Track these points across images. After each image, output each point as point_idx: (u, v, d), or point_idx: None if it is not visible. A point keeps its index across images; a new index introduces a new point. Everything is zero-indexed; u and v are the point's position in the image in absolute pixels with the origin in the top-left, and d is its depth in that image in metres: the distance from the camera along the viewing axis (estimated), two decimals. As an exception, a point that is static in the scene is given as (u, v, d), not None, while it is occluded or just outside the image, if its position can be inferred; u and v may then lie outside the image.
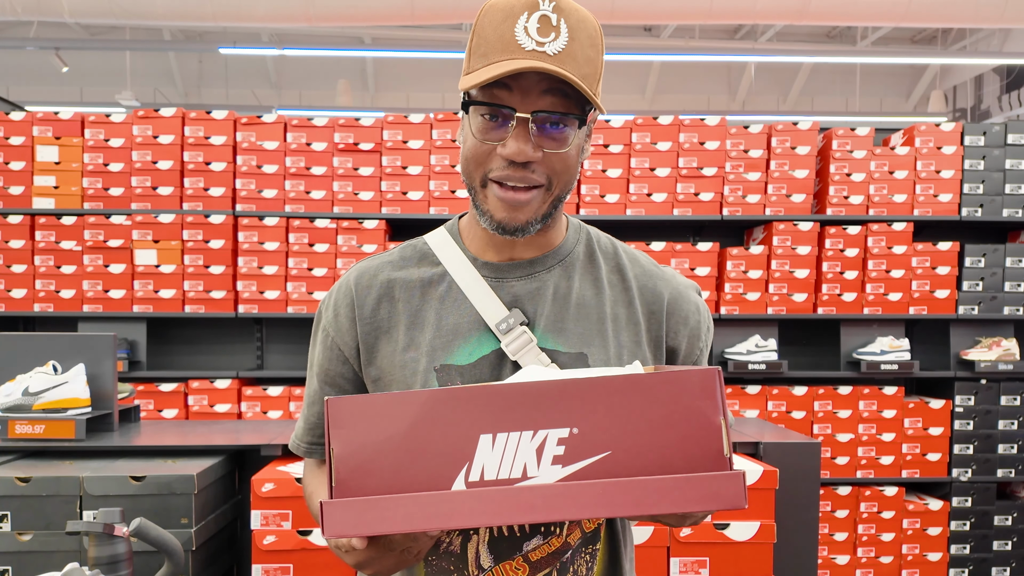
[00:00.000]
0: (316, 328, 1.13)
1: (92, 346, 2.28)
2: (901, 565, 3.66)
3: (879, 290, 3.75)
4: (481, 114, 0.95)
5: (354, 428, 0.71)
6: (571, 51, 0.93)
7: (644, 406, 0.72)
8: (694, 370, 0.72)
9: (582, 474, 0.71)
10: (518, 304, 1.04)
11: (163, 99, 11.05)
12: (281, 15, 6.27)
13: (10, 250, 3.66)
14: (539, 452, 0.71)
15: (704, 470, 0.71)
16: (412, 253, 1.11)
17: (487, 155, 0.96)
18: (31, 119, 3.71)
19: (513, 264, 1.06)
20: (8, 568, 1.85)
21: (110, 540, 1.45)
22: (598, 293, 1.06)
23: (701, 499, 0.71)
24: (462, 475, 0.72)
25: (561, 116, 0.94)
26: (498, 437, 0.71)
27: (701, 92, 11.84)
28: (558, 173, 0.97)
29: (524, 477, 0.71)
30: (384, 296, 1.07)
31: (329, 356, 1.09)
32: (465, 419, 0.71)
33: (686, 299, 1.09)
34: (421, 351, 1.03)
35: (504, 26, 0.93)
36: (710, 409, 0.72)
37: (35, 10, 6.25)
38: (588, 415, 0.71)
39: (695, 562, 2.20)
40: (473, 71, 0.95)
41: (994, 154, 3.79)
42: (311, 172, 3.72)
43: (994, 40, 10.19)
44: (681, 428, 0.72)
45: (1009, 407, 3.74)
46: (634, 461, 0.72)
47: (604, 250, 1.11)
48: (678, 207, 3.75)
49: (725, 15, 6.32)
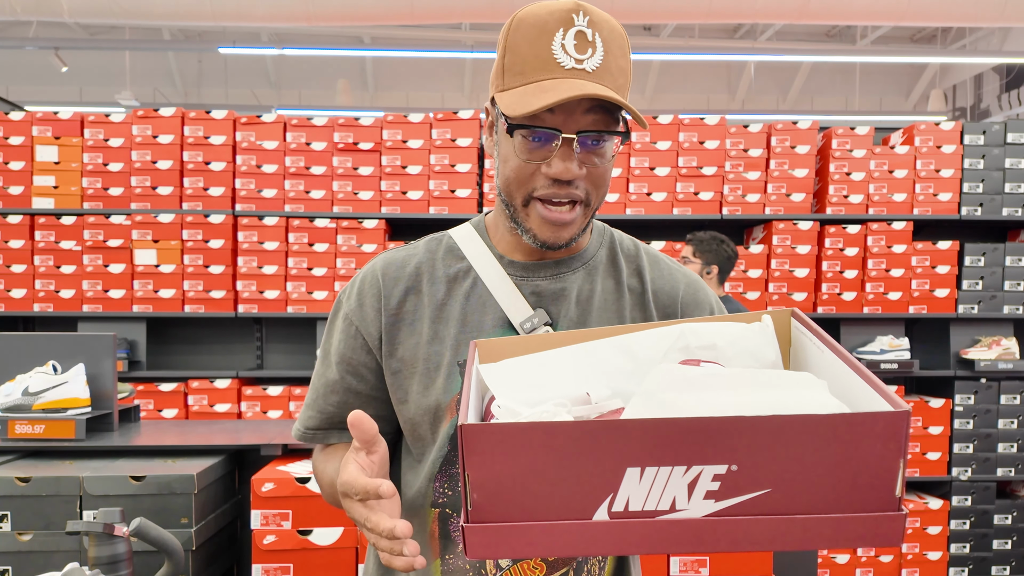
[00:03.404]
0: (335, 316, 1.12)
1: (92, 346, 2.28)
2: (901, 564, 3.66)
3: (879, 289, 3.75)
4: (524, 135, 0.95)
5: (492, 455, 0.68)
6: (607, 65, 0.93)
7: (817, 446, 0.66)
8: (881, 413, 0.66)
9: (736, 510, 0.67)
10: (542, 304, 1.05)
11: (163, 99, 11.05)
12: (280, 15, 6.27)
13: (10, 250, 3.66)
14: (691, 487, 0.67)
15: (871, 509, 0.67)
16: (438, 247, 1.11)
17: (531, 175, 0.97)
18: (31, 119, 3.71)
19: (539, 264, 1.07)
20: (8, 568, 1.85)
21: (110, 540, 1.45)
22: (619, 297, 1.08)
23: (859, 538, 0.68)
24: (605, 505, 0.69)
25: (604, 134, 0.95)
26: (647, 470, 0.67)
27: (701, 91, 11.84)
28: (598, 187, 0.99)
29: (672, 510, 0.68)
30: (411, 289, 1.07)
31: (352, 345, 1.08)
32: (613, 452, 0.67)
33: (701, 288, 1.13)
34: (446, 345, 1.04)
35: (540, 43, 0.93)
36: (892, 452, 0.66)
37: (35, 10, 6.25)
38: (752, 453, 0.66)
39: (695, 561, 2.21)
40: (511, 89, 0.95)
41: (994, 153, 3.79)
42: (311, 172, 3.72)
43: (994, 39, 10.19)
44: (855, 469, 0.67)
45: (1009, 406, 3.74)
46: (795, 499, 0.67)
47: (627, 253, 1.12)
48: (678, 206, 3.75)
49: (725, 14, 6.32)
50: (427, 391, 1.03)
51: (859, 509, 0.68)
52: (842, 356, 0.78)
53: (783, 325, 0.90)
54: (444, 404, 1.03)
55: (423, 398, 1.04)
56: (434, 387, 1.03)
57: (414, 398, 1.05)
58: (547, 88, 0.91)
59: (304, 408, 1.15)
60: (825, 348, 0.81)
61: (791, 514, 0.68)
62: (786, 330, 0.90)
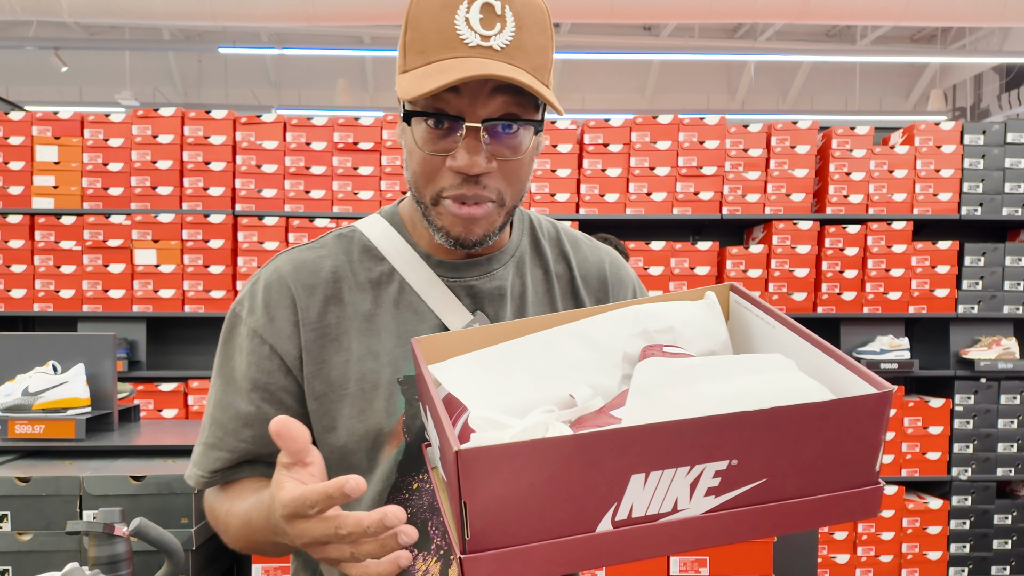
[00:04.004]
0: (232, 334, 0.96)
1: (92, 346, 2.28)
2: (901, 564, 3.66)
3: (879, 289, 3.75)
4: (425, 122, 0.85)
5: (491, 478, 0.63)
6: (520, 42, 0.83)
7: (812, 432, 0.67)
8: (871, 395, 0.67)
9: (734, 502, 0.68)
10: (479, 306, 0.96)
11: (162, 99, 11.05)
12: (280, 14, 6.26)
13: (10, 250, 3.66)
14: (693, 486, 0.67)
15: (855, 485, 0.69)
16: (350, 246, 0.98)
17: (437, 169, 0.86)
18: (30, 119, 3.71)
19: (471, 262, 0.97)
20: (8, 568, 1.85)
21: (110, 540, 1.45)
22: (548, 288, 1.01)
23: (842, 514, 0.70)
24: (609, 515, 0.66)
25: (515, 122, 0.85)
26: (651, 475, 0.66)
27: (701, 91, 11.84)
28: (511, 184, 0.88)
29: (675, 511, 0.67)
30: (331, 298, 0.93)
31: (267, 367, 0.92)
32: (617, 461, 0.65)
33: (622, 264, 1.08)
34: (381, 362, 0.92)
35: (442, 17, 0.82)
36: (876, 428, 0.68)
37: (34, 10, 6.25)
38: (751, 446, 0.66)
39: (695, 561, 2.21)
40: (411, 70, 0.84)
41: (994, 153, 3.79)
42: (311, 172, 3.72)
43: (994, 39, 10.19)
44: (844, 449, 0.68)
45: (1009, 406, 3.74)
46: (789, 484, 0.68)
47: (549, 237, 1.04)
48: (678, 206, 3.75)
49: (725, 14, 6.32)
50: (363, 415, 0.91)
51: (844, 487, 0.69)
52: (799, 332, 0.78)
53: (723, 301, 0.89)
54: (388, 429, 0.91)
55: (358, 423, 0.91)
56: (372, 411, 0.91)
57: (345, 424, 0.92)
58: (446, 68, 0.80)
59: (205, 450, 0.95)
60: (777, 324, 0.81)
61: (785, 500, 0.68)
62: (725, 306, 0.89)
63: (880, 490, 0.70)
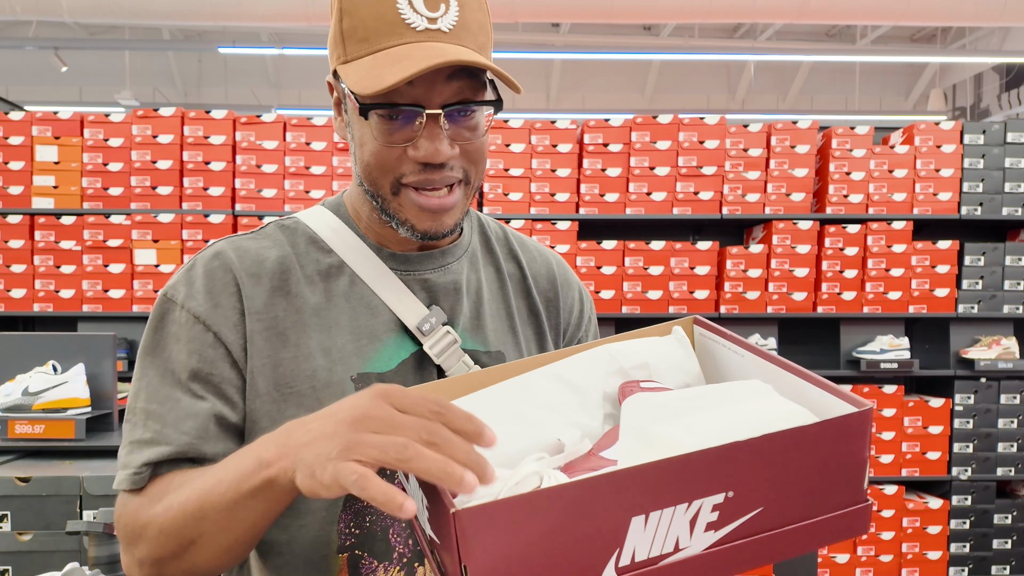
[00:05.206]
0: (165, 320, 0.86)
1: (92, 346, 2.28)
2: (901, 563, 3.66)
3: (879, 289, 3.75)
4: (380, 116, 0.81)
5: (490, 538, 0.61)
6: (465, 22, 0.80)
7: (803, 456, 0.68)
8: (854, 414, 0.68)
9: (733, 535, 0.68)
10: (435, 301, 0.92)
11: (162, 99, 11.05)
12: (280, 14, 6.27)
13: (10, 250, 3.66)
14: (692, 522, 0.66)
15: (846, 505, 0.70)
16: (295, 237, 0.92)
17: (395, 159, 0.83)
18: (30, 119, 3.71)
19: (425, 255, 0.93)
20: (8, 568, 1.85)
21: (110, 540, 1.45)
22: (502, 286, 0.99)
23: (835, 535, 0.70)
24: (612, 562, 0.65)
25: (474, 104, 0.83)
26: (651, 516, 0.65)
27: (700, 91, 11.84)
28: (476, 163, 0.86)
29: (676, 550, 0.66)
30: (278, 290, 0.87)
31: (210, 357, 0.84)
32: (617, 504, 0.64)
33: (566, 266, 1.07)
34: (333, 358, 0.86)
35: (382, 1, 0.79)
36: (862, 447, 0.69)
37: (34, 9, 6.25)
38: (746, 477, 0.66)
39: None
40: (356, 59, 0.81)
41: (993, 152, 3.79)
42: (311, 171, 3.72)
43: (993, 39, 10.19)
44: (834, 471, 0.69)
45: (1009, 405, 3.74)
46: (784, 511, 0.69)
47: (497, 237, 1.03)
48: (678, 206, 3.75)
49: (725, 14, 6.32)
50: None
51: (836, 508, 0.70)
52: (768, 358, 0.78)
53: (689, 334, 0.89)
54: None
55: None
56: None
57: None
58: (400, 56, 0.77)
59: (139, 447, 0.82)
60: (746, 352, 0.81)
61: (782, 527, 0.69)
62: (691, 340, 0.89)
63: (869, 508, 0.71)
